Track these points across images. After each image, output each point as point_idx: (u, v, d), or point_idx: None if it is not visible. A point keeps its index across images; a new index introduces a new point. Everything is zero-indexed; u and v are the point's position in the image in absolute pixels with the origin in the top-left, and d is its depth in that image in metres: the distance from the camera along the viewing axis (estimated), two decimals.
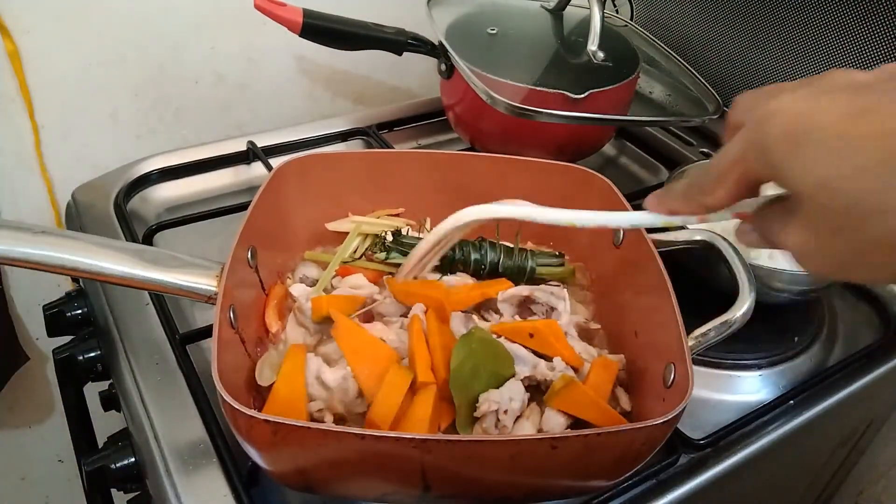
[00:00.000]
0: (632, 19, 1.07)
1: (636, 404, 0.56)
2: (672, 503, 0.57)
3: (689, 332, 0.52)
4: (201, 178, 0.86)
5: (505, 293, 0.61)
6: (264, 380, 0.54)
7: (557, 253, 0.68)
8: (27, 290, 0.94)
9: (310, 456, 0.44)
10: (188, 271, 0.52)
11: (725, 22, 0.96)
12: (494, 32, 0.87)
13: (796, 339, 0.72)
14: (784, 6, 0.89)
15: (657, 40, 0.95)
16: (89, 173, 0.84)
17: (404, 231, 0.67)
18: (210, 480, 0.54)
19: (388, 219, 0.69)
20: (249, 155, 0.88)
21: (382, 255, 0.64)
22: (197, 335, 0.64)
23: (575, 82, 0.78)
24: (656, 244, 0.57)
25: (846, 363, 0.70)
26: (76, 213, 0.79)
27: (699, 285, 0.63)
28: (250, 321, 0.57)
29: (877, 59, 0.79)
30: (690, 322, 0.52)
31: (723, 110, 0.85)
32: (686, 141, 1.00)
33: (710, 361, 0.69)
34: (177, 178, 0.85)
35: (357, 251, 0.66)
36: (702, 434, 0.61)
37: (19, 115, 0.84)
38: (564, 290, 0.62)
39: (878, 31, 0.79)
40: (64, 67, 0.84)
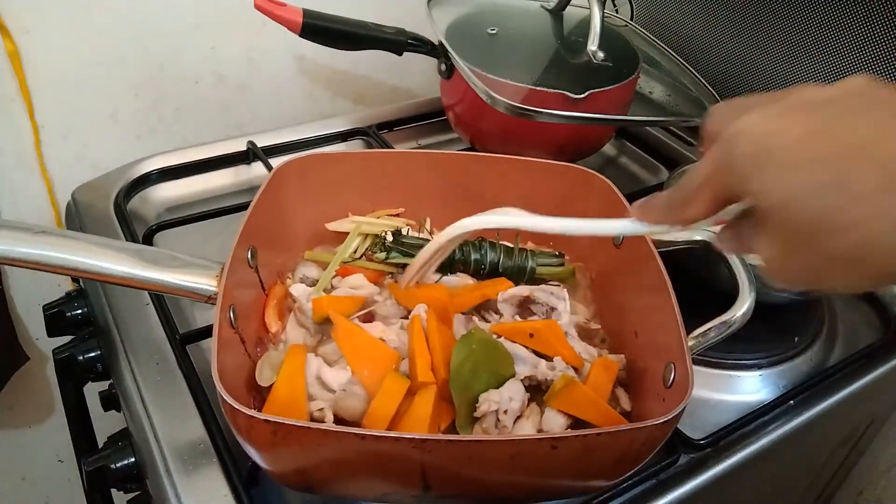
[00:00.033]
0: (632, 19, 1.07)
1: (636, 404, 0.56)
2: (672, 503, 0.57)
3: (689, 332, 0.52)
4: (201, 178, 0.86)
5: (505, 293, 0.61)
6: (264, 380, 0.54)
7: (557, 253, 0.68)
8: (27, 290, 0.94)
9: (310, 456, 0.44)
10: (188, 271, 0.53)
11: (725, 22, 0.96)
12: (494, 32, 0.87)
13: (796, 339, 0.72)
14: (784, 6, 0.89)
15: (657, 40, 0.95)
16: (89, 173, 0.84)
17: (404, 231, 0.67)
18: (210, 480, 0.54)
19: (388, 219, 0.69)
20: (249, 155, 0.88)
21: (382, 255, 0.64)
22: (197, 335, 0.64)
23: (575, 82, 0.78)
24: (656, 244, 0.57)
25: (846, 363, 0.70)
26: (76, 213, 0.79)
27: (699, 285, 0.63)
28: (250, 321, 0.57)
29: (877, 59, 0.79)
30: (690, 322, 0.52)
31: None
32: (686, 141, 1.00)
33: (710, 361, 0.69)
34: (177, 178, 0.85)
35: (357, 251, 0.66)
36: (702, 434, 0.61)
37: (19, 115, 0.83)
38: (564, 291, 0.62)
39: (878, 31, 0.79)
40: (64, 67, 0.84)
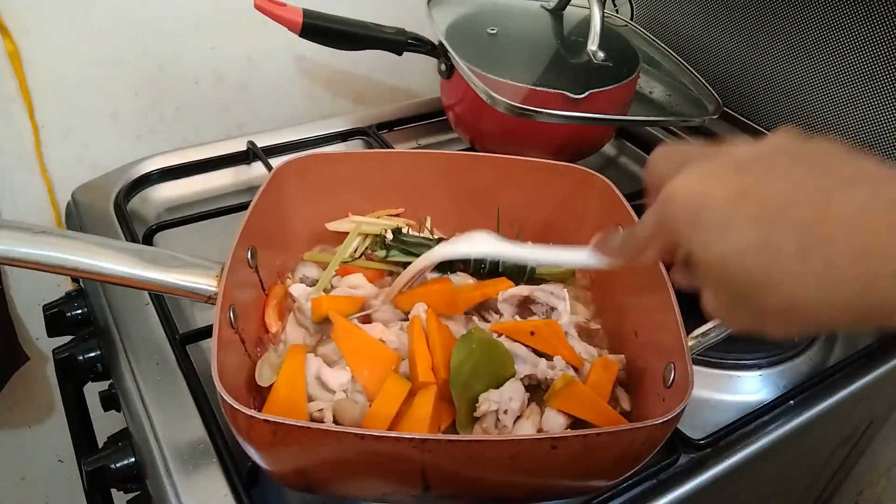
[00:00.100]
0: (632, 19, 1.07)
1: (636, 404, 0.56)
2: (672, 503, 0.57)
3: (689, 332, 0.52)
4: (201, 178, 0.86)
5: (505, 293, 0.61)
6: (264, 380, 0.54)
7: None
8: (27, 290, 0.94)
9: (310, 456, 0.44)
10: (188, 271, 0.53)
11: (725, 22, 0.96)
12: (494, 32, 0.87)
13: (796, 339, 0.72)
14: (784, 6, 0.88)
15: (657, 40, 0.95)
16: (89, 173, 0.84)
17: (404, 231, 0.67)
18: (210, 480, 0.54)
19: (388, 219, 0.69)
20: (249, 155, 0.88)
21: (382, 254, 0.64)
22: (197, 335, 0.64)
23: (575, 82, 0.78)
24: None
25: (846, 363, 0.70)
26: (76, 213, 0.79)
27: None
28: (250, 321, 0.57)
29: (877, 59, 0.79)
30: (690, 322, 0.52)
31: (723, 110, 0.85)
32: (686, 141, 1.00)
33: (710, 361, 0.68)
34: (177, 178, 0.85)
35: (357, 251, 0.66)
36: (702, 434, 0.61)
37: (19, 115, 0.83)
38: (564, 290, 0.62)
39: (879, 31, 0.79)
40: (64, 67, 0.84)
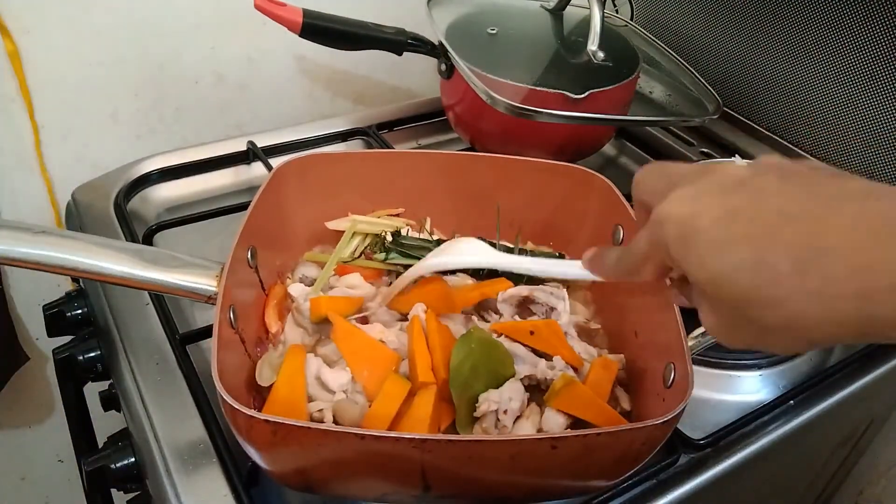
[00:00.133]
0: (632, 19, 1.07)
1: (636, 404, 0.56)
2: (672, 503, 0.57)
3: (689, 332, 0.52)
4: (201, 178, 0.86)
5: (504, 293, 0.61)
6: (264, 380, 0.54)
7: (557, 253, 0.68)
8: (27, 290, 0.94)
9: (310, 456, 0.44)
10: (188, 271, 0.53)
11: (725, 22, 0.96)
12: (494, 32, 0.87)
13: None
14: (784, 6, 0.89)
15: (657, 40, 0.95)
16: (89, 173, 0.84)
17: (404, 231, 0.67)
18: (210, 480, 0.54)
19: (388, 219, 0.69)
20: (249, 155, 0.88)
21: (382, 256, 0.64)
22: (197, 335, 0.64)
23: (575, 82, 0.78)
24: None
25: (846, 363, 0.70)
26: (76, 213, 0.79)
27: None
28: (250, 321, 0.57)
29: (876, 59, 0.79)
30: (690, 322, 0.52)
31: (723, 110, 0.85)
32: (686, 141, 1.00)
33: (710, 361, 0.68)
34: (177, 178, 0.85)
35: (356, 251, 0.66)
36: (702, 434, 0.61)
37: (19, 115, 0.83)
38: (564, 290, 0.62)
39: (878, 31, 0.79)
40: (64, 67, 0.84)
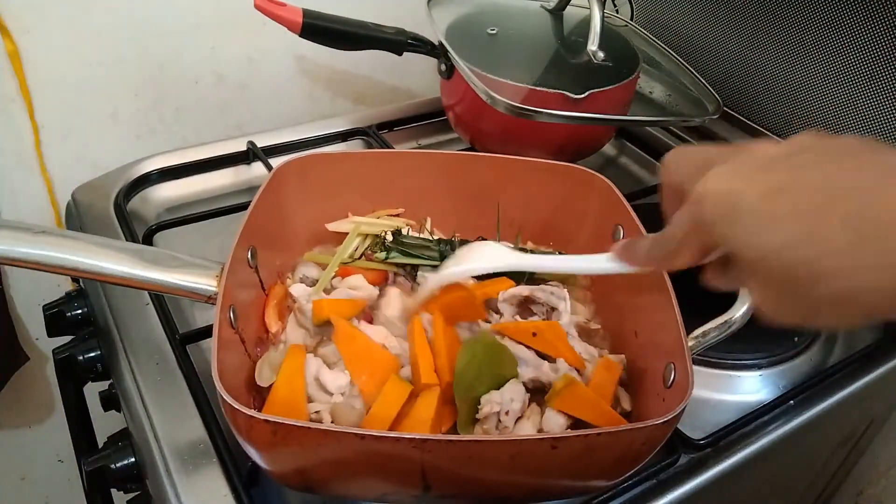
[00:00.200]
0: (632, 19, 1.07)
1: (636, 404, 0.56)
2: (672, 503, 0.57)
3: (689, 332, 0.52)
4: (201, 178, 0.86)
5: (505, 293, 0.61)
6: (263, 380, 0.53)
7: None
8: (27, 290, 0.94)
9: (310, 456, 0.44)
10: (188, 271, 0.52)
11: (725, 22, 0.96)
12: (494, 32, 0.87)
13: (796, 339, 0.72)
14: (784, 6, 0.88)
15: (657, 40, 0.95)
16: (89, 173, 0.84)
17: (404, 231, 0.67)
18: (210, 480, 0.54)
19: (388, 219, 0.69)
20: (249, 155, 0.88)
21: (382, 255, 0.64)
22: (197, 335, 0.64)
23: (575, 82, 0.78)
24: None
25: (846, 363, 0.70)
26: (76, 213, 0.79)
27: (699, 285, 0.62)
28: (250, 321, 0.57)
29: (876, 59, 0.79)
30: (690, 322, 0.52)
31: (723, 110, 0.85)
32: (686, 141, 1.00)
33: (710, 361, 0.68)
34: (177, 178, 0.85)
35: (357, 251, 0.66)
36: (702, 434, 0.61)
37: (19, 115, 0.83)
38: (565, 290, 0.62)
39: (879, 31, 0.79)
40: (64, 67, 0.84)
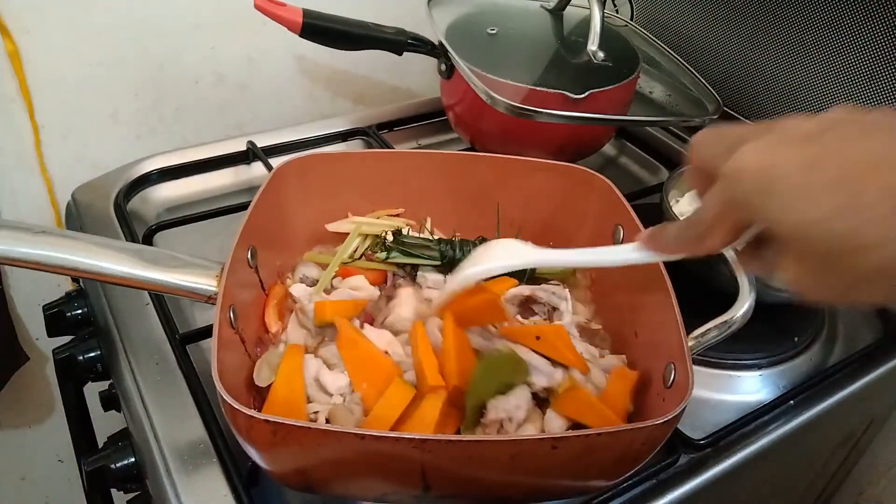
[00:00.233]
0: (632, 19, 1.07)
1: (636, 404, 0.56)
2: (672, 503, 0.57)
3: (689, 332, 0.52)
4: (201, 178, 0.86)
5: (506, 293, 0.61)
6: (262, 380, 0.53)
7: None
8: (27, 290, 0.94)
9: (310, 456, 0.44)
10: (188, 271, 0.52)
11: (725, 22, 0.96)
12: (494, 32, 0.87)
13: (796, 339, 0.72)
14: (784, 6, 0.88)
15: (657, 40, 0.95)
16: (89, 173, 0.84)
17: (404, 231, 0.67)
18: (210, 480, 0.54)
19: (388, 219, 0.69)
20: (249, 155, 0.88)
21: (383, 255, 0.64)
22: (197, 335, 0.64)
23: (575, 82, 0.78)
24: None
25: (846, 363, 0.70)
26: (76, 213, 0.79)
27: (699, 285, 0.63)
28: (250, 321, 0.57)
29: (876, 59, 0.79)
30: (690, 322, 0.52)
31: (723, 110, 0.85)
32: (686, 141, 0.99)
33: (710, 361, 0.69)
34: (177, 178, 0.85)
35: (357, 251, 0.66)
36: (702, 434, 0.61)
37: (19, 115, 0.83)
38: (566, 291, 0.62)
39: (878, 31, 0.79)
40: (64, 67, 0.84)
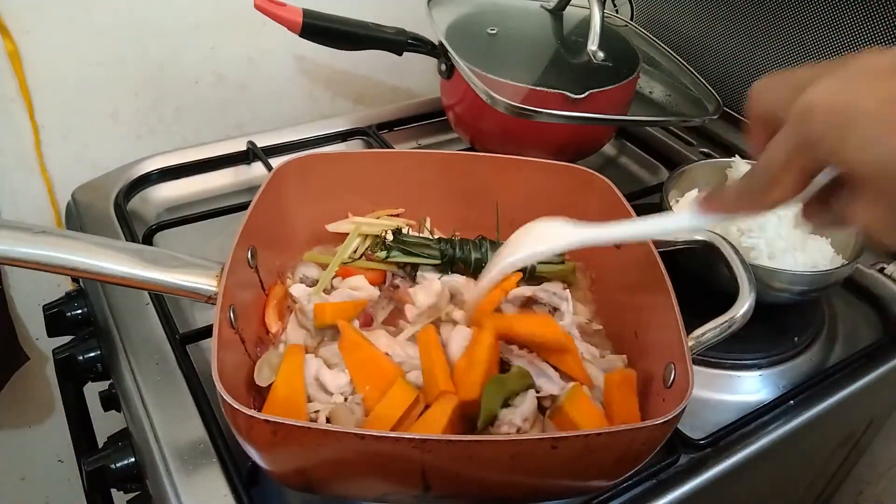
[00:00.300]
0: (632, 19, 1.07)
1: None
2: (672, 503, 0.57)
3: (689, 332, 0.52)
4: (201, 178, 0.86)
5: (508, 294, 0.61)
6: (262, 380, 0.53)
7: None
8: (27, 290, 0.94)
9: (310, 456, 0.44)
10: (188, 271, 0.52)
11: (725, 22, 0.96)
12: (494, 32, 0.87)
13: (796, 339, 0.72)
14: (784, 6, 0.89)
15: (657, 40, 0.95)
16: (89, 173, 0.84)
17: (404, 231, 0.67)
18: (210, 480, 0.54)
19: (388, 219, 0.69)
20: (249, 155, 0.88)
21: (383, 255, 0.64)
22: (197, 335, 0.64)
23: (575, 82, 0.78)
24: (656, 244, 0.57)
25: (846, 363, 0.70)
26: (76, 213, 0.79)
27: (699, 285, 0.63)
28: (250, 321, 0.57)
29: None
30: (690, 322, 0.52)
31: (723, 110, 0.85)
32: (686, 141, 1.00)
33: (710, 361, 0.68)
34: (177, 178, 0.85)
35: (357, 251, 0.66)
36: (702, 434, 0.61)
37: (19, 115, 0.84)
38: (567, 291, 0.62)
39: (878, 31, 0.79)
40: (64, 67, 0.84)
